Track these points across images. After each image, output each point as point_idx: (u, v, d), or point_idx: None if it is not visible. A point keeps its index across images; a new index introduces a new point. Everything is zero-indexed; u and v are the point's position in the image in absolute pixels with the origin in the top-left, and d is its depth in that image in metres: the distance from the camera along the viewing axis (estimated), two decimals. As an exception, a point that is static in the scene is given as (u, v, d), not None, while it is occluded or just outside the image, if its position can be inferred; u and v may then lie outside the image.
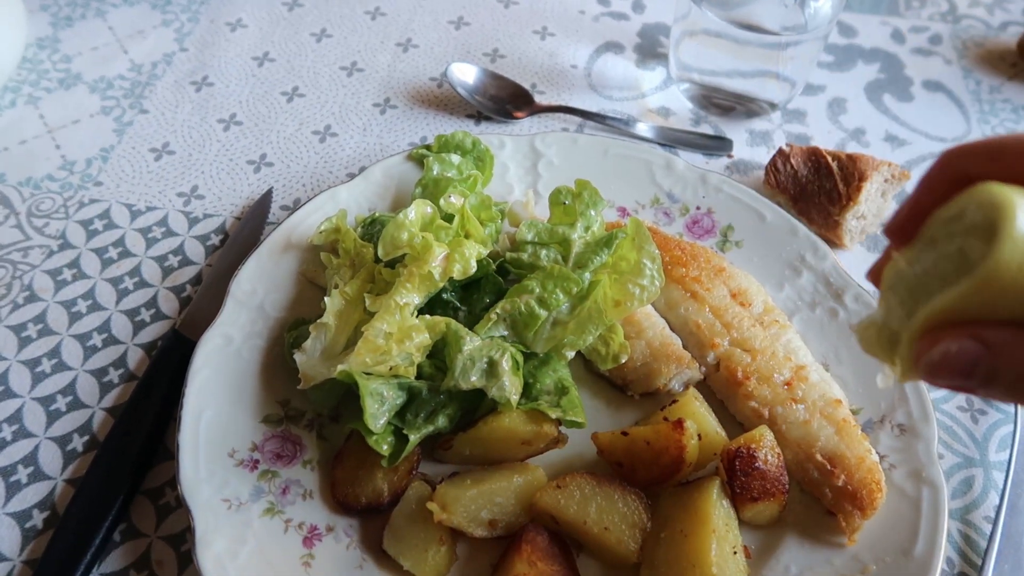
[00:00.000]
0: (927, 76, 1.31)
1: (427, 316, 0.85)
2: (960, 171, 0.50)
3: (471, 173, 1.01)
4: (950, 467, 0.90)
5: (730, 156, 1.20)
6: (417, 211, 0.89)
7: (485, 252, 0.89)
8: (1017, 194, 0.44)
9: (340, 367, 0.80)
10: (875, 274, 0.56)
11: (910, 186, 1.10)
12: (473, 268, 0.86)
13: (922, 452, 0.84)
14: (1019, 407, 0.92)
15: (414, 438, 0.81)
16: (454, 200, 0.93)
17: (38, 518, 0.84)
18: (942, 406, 0.94)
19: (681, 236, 1.04)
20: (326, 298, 0.87)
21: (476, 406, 0.86)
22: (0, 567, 0.81)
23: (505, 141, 1.10)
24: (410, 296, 0.84)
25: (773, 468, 0.79)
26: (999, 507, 0.85)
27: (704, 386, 0.92)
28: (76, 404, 0.92)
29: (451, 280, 0.87)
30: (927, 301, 0.47)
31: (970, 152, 0.50)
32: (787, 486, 0.80)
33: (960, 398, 0.95)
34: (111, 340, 0.97)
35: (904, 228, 0.53)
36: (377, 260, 0.91)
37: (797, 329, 0.94)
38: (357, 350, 0.81)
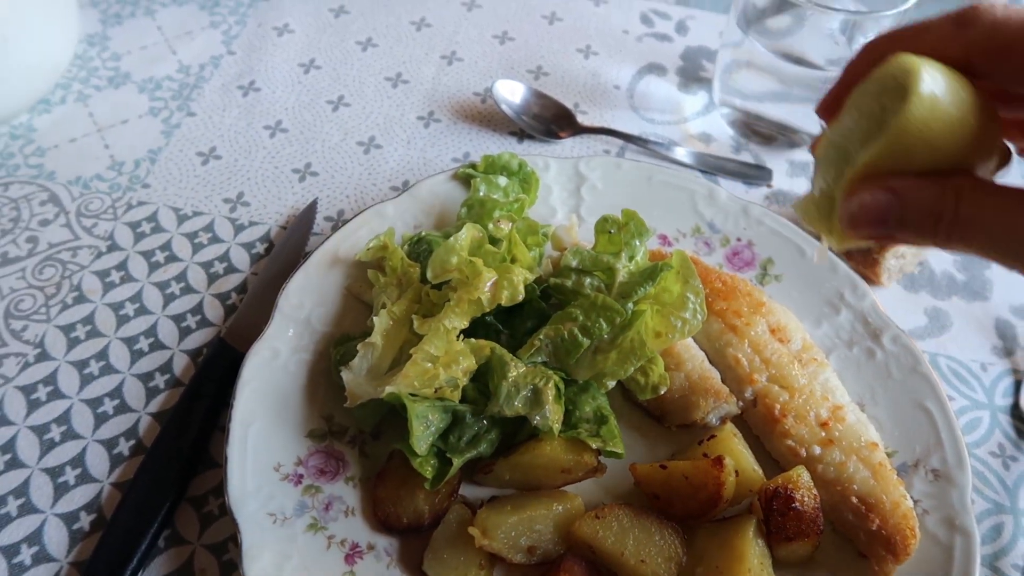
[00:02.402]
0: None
1: (472, 340, 0.86)
2: (881, 54, 0.56)
3: (518, 196, 1.03)
4: (980, 513, 0.90)
5: (769, 186, 1.20)
6: (467, 235, 0.90)
7: (532, 278, 0.91)
8: (925, 61, 0.52)
9: (388, 389, 0.81)
10: (814, 147, 0.61)
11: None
12: (521, 295, 0.88)
13: (956, 500, 0.85)
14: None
15: (457, 462, 0.82)
16: (503, 225, 0.94)
17: (85, 520, 0.86)
18: (974, 451, 0.95)
19: (721, 267, 1.05)
20: (374, 317, 0.89)
21: (516, 431, 0.88)
22: (48, 567, 0.83)
23: (550, 163, 1.11)
24: (458, 321, 0.85)
25: (809, 509, 0.80)
26: (1029, 556, 0.86)
27: (740, 420, 0.93)
28: (123, 408, 0.94)
29: (495, 303, 0.88)
30: (852, 162, 0.54)
31: (890, 38, 0.58)
32: (822, 527, 0.81)
33: (992, 444, 0.96)
34: (157, 345, 0.99)
35: (834, 105, 0.59)
36: (424, 281, 0.92)
37: (834, 367, 0.95)
38: (405, 372, 0.83)
